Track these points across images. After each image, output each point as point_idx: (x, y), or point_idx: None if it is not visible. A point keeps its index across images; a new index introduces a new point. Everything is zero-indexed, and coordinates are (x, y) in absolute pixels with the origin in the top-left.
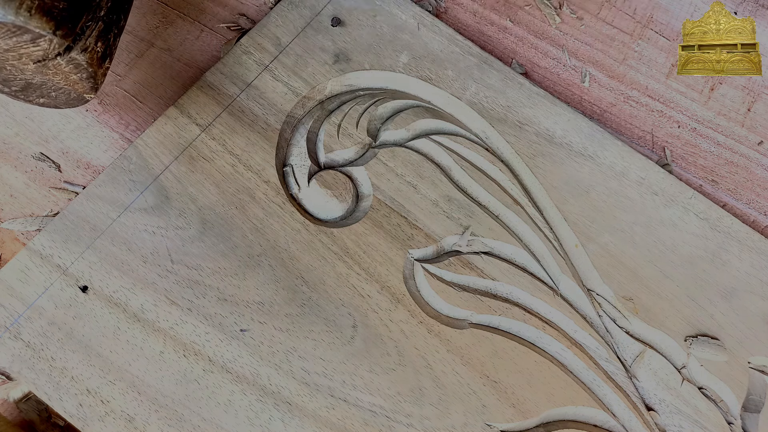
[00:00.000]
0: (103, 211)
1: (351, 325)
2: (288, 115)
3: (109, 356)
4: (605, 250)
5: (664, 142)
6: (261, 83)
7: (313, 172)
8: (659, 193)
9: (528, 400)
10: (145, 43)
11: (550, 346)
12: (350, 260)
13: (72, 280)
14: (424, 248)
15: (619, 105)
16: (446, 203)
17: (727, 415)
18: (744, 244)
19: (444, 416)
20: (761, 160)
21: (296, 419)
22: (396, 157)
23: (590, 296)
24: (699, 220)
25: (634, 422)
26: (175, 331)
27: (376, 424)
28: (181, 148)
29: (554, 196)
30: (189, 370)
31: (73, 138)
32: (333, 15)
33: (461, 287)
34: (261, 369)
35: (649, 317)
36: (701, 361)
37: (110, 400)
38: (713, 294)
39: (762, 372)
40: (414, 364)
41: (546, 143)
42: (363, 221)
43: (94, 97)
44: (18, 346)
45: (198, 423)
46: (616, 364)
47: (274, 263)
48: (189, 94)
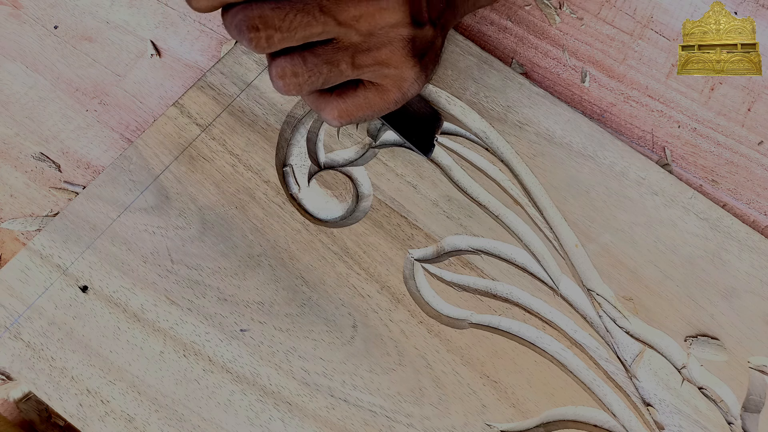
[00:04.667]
0: (103, 211)
1: (351, 325)
2: (288, 115)
3: (109, 356)
4: (605, 250)
5: (664, 142)
6: (261, 83)
7: (313, 172)
8: (659, 193)
9: (528, 400)
10: (144, 43)
11: (550, 346)
12: (350, 260)
13: (72, 280)
14: (424, 248)
15: (619, 105)
16: (446, 203)
17: (727, 415)
18: (744, 244)
19: (444, 416)
20: (761, 160)
21: (296, 419)
22: (396, 157)
23: (590, 296)
24: (699, 220)
25: (634, 422)
26: (175, 331)
27: (376, 424)
28: (181, 148)
29: (554, 196)
30: (189, 370)
31: (73, 138)
32: None
33: (461, 287)
34: (261, 369)
35: (649, 317)
36: (701, 361)
37: (110, 400)
38: (713, 294)
39: (762, 372)
40: (414, 364)
41: (546, 143)
42: (363, 221)
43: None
44: (18, 346)
45: (198, 423)
46: (616, 364)
47: (274, 263)
48: (189, 94)
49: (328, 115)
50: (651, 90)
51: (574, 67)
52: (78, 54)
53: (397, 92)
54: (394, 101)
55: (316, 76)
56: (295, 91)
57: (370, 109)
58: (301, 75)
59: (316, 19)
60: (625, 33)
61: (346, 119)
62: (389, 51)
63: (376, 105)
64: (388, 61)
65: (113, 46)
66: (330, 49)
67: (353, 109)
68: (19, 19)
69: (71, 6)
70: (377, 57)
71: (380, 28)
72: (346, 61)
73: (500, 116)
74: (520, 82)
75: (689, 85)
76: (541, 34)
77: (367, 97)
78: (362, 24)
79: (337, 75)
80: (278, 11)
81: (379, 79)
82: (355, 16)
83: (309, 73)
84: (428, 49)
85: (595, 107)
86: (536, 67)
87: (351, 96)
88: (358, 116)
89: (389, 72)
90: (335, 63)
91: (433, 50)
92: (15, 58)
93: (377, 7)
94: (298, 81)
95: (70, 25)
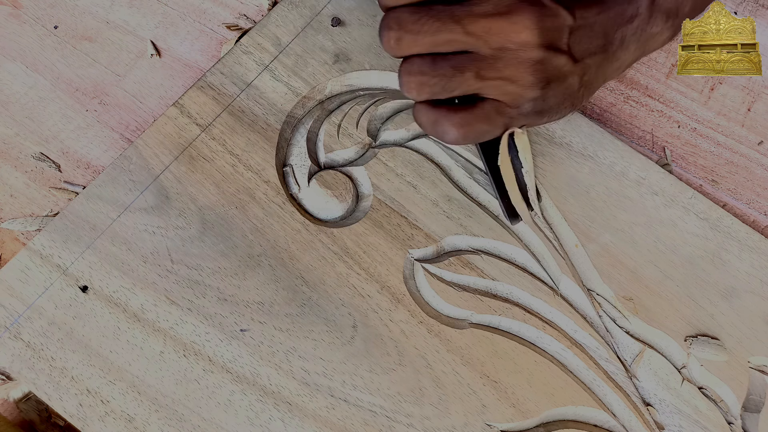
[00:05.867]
0: (103, 211)
1: (351, 325)
2: (288, 115)
3: (109, 356)
4: (605, 250)
5: (664, 142)
6: (261, 83)
7: (313, 172)
8: (659, 193)
9: (528, 400)
10: (144, 43)
11: (550, 346)
12: (350, 260)
13: (72, 280)
14: (424, 248)
15: (619, 105)
16: (446, 203)
17: (727, 415)
18: (744, 244)
19: (444, 416)
20: (761, 160)
21: (296, 419)
22: (396, 157)
23: (590, 296)
24: (699, 220)
25: (634, 422)
26: (175, 331)
27: (376, 424)
28: (181, 148)
29: (554, 196)
30: (189, 370)
31: (73, 138)
32: (333, 15)
33: (461, 287)
34: (261, 369)
35: (649, 317)
36: (701, 361)
37: (110, 400)
38: (713, 294)
39: (762, 372)
40: (414, 364)
41: (546, 143)
42: (363, 221)
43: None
44: (18, 346)
45: (198, 423)
46: (616, 364)
47: (274, 263)
48: (189, 94)
49: (446, 126)
50: (651, 90)
51: None
52: (78, 54)
53: (513, 109)
54: (510, 117)
55: (439, 78)
56: (416, 90)
57: (489, 122)
58: (427, 74)
59: (446, 27)
60: None
61: (465, 130)
62: (515, 69)
63: (494, 120)
64: (512, 78)
65: (113, 46)
66: (459, 57)
67: (473, 120)
68: (19, 19)
69: (71, 6)
70: (503, 73)
71: (510, 45)
72: (472, 70)
73: None
74: None
75: (689, 85)
76: None
77: (486, 110)
78: (492, 38)
79: (461, 82)
80: (413, 15)
81: (500, 96)
82: (485, 29)
83: (434, 74)
84: (557, 80)
85: (595, 107)
86: None
87: (471, 108)
88: (478, 129)
89: (510, 89)
90: (461, 70)
91: (562, 84)
92: (15, 58)
93: (509, 23)
94: (423, 80)
95: (70, 25)
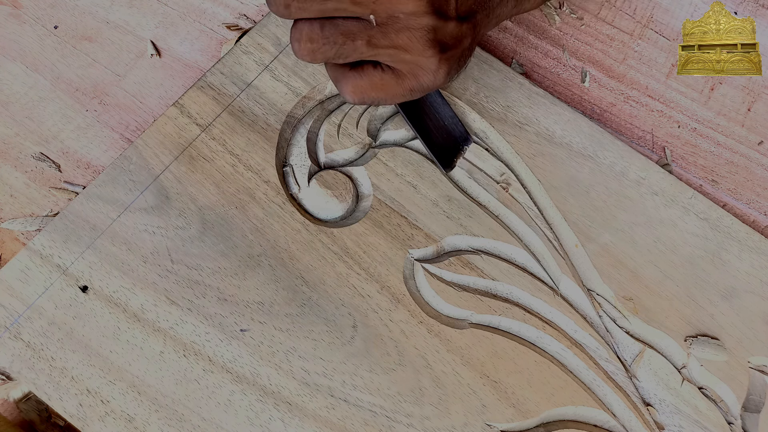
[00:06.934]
0: (103, 211)
1: (351, 325)
2: (288, 115)
3: (109, 356)
4: (605, 250)
5: (664, 142)
6: (261, 83)
7: (313, 172)
8: (659, 193)
9: (528, 400)
10: (144, 43)
11: (550, 346)
12: (350, 260)
13: (72, 280)
14: (424, 248)
15: (619, 105)
16: (446, 203)
17: (727, 415)
18: (744, 244)
19: (444, 416)
20: (761, 160)
21: (296, 419)
22: (396, 157)
23: (590, 296)
24: (699, 220)
25: (634, 422)
26: (175, 331)
27: (376, 424)
28: (181, 148)
29: (554, 196)
30: (189, 370)
31: (73, 138)
32: None
33: (461, 287)
34: (261, 369)
35: (649, 317)
36: (701, 361)
37: (110, 400)
38: (713, 294)
39: (762, 372)
40: (414, 364)
41: (546, 143)
42: (363, 221)
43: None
44: (18, 346)
45: (198, 423)
46: (616, 364)
47: (274, 263)
48: (189, 94)
49: (343, 88)
50: (651, 90)
51: (574, 67)
52: (78, 54)
53: (412, 80)
54: (409, 89)
55: (329, 46)
56: (308, 57)
57: (384, 91)
58: (316, 41)
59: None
60: (625, 33)
61: (359, 96)
62: (408, 37)
63: (390, 89)
64: (406, 47)
65: (113, 46)
66: (350, 24)
67: (367, 88)
68: (19, 19)
69: (71, 6)
70: (395, 41)
71: (399, 14)
72: (363, 38)
73: (500, 116)
74: (520, 82)
75: (689, 85)
76: (541, 34)
77: (383, 79)
78: (379, 6)
79: (352, 50)
80: None
81: (396, 64)
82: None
83: (324, 40)
84: (453, 46)
85: (595, 107)
86: (536, 67)
87: (367, 74)
88: (372, 96)
89: (407, 58)
90: (351, 37)
91: (458, 48)
92: (15, 58)
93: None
94: (312, 47)
95: (70, 25)
